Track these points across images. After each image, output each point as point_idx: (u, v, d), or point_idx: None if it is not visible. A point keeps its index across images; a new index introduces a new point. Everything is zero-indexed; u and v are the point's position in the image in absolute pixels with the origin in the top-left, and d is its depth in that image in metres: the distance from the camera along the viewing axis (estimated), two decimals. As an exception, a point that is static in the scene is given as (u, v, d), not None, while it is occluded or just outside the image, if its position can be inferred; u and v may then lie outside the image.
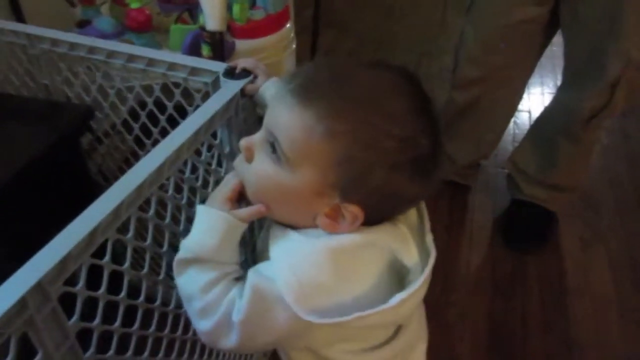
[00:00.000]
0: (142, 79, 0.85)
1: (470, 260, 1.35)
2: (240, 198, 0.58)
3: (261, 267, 0.54)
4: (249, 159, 0.55)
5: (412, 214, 0.58)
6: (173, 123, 0.83)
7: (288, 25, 1.22)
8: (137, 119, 0.89)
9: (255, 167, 0.54)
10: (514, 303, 1.24)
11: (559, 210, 1.41)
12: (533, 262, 1.34)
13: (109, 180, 1.04)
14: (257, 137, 0.55)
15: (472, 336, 1.17)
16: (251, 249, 0.75)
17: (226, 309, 0.52)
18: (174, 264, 0.56)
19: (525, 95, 1.90)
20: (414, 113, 0.50)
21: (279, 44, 1.18)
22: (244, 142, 0.56)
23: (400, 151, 0.49)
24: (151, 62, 0.79)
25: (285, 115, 0.50)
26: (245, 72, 0.75)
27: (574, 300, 1.24)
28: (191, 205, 0.71)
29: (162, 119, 0.86)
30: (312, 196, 0.51)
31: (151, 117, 0.88)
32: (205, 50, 0.96)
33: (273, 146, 0.51)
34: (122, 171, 0.59)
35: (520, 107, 1.85)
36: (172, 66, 0.78)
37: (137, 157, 0.94)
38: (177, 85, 0.82)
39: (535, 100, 1.94)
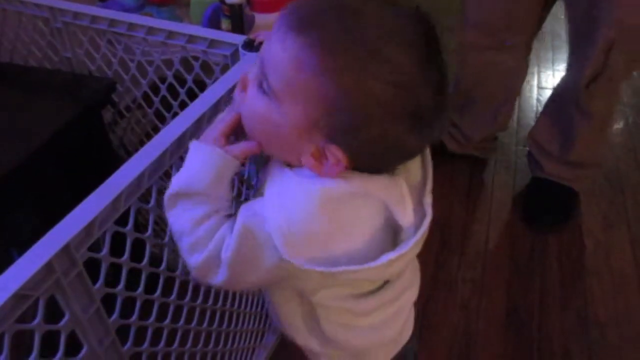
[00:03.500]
0: (162, 53, 0.85)
1: (489, 237, 1.34)
2: (238, 134, 0.55)
3: (254, 204, 0.52)
4: (244, 89, 0.52)
5: (415, 170, 0.55)
6: (193, 97, 0.83)
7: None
8: (158, 93, 0.90)
9: (247, 100, 0.51)
10: (532, 281, 1.24)
11: (581, 190, 1.39)
12: (553, 240, 1.33)
13: (130, 153, 1.05)
14: (254, 69, 0.51)
15: (489, 313, 1.17)
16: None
17: (216, 245, 0.51)
18: (165, 200, 0.53)
19: (549, 72, 1.87)
20: (416, 60, 0.45)
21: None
22: (242, 73, 0.54)
23: (395, 101, 0.45)
24: (171, 34, 0.80)
25: (276, 44, 0.46)
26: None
27: (593, 279, 1.23)
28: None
29: (182, 92, 0.87)
30: (297, 133, 0.48)
31: (171, 90, 0.89)
32: (224, 23, 0.96)
33: (263, 77, 0.48)
34: (144, 144, 0.60)
35: (544, 83, 1.83)
36: (191, 38, 0.79)
37: (157, 131, 0.95)
38: (196, 58, 0.83)
39: (560, 77, 1.89)
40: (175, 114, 0.88)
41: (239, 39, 0.76)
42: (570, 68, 1.26)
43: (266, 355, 1.04)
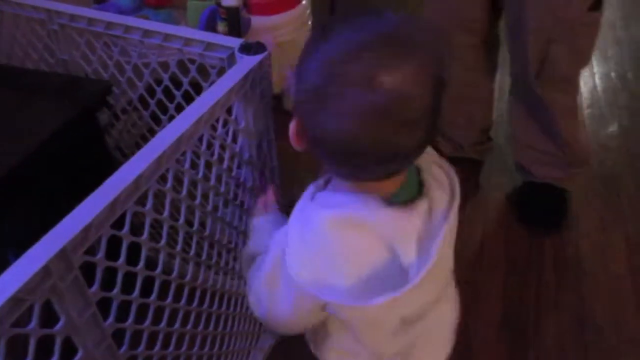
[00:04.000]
0: (159, 55, 0.86)
1: (485, 239, 1.34)
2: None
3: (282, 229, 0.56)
4: None
5: (439, 198, 0.54)
6: (189, 100, 0.84)
7: (304, 2, 1.21)
8: (153, 95, 0.90)
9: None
10: (528, 282, 1.24)
11: (573, 189, 1.39)
12: (549, 241, 1.33)
13: (126, 156, 1.05)
14: None
15: (485, 314, 1.18)
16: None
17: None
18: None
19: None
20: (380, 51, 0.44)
21: (295, 22, 1.18)
22: None
23: (357, 92, 0.44)
24: (167, 37, 0.80)
25: None
26: (262, 47, 0.75)
27: (589, 280, 1.23)
28: (207, 179, 0.72)
29: (178, 94, 0.87)
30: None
31: (167, 93, 0.89)
32: (221, 26, 0.96)
33: None
34: (140, 147, 0.60)
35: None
36: (188, 41, 0.79)
37: (153, 134, 0.95)
38: (192, 61, 0.83)
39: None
40: (172, 117, 0.88)
41: (235, 42, 0.76)
42: (514, 62, 1.27)
43: (262, 357, 1.04)
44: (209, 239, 0.74)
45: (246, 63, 0.72)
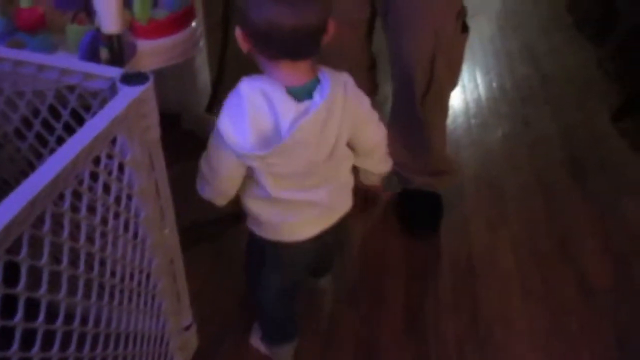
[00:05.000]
0: (34, 85, 0.81)
1: (385, 247, 1.40)
2: None
3: None
4: None
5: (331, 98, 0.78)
6: (72, 131, 0.80)
7: (194, 24, 1.19)
8: (32, 127, 0.85)
9: None
10: (427, 286, 1.31)
11: (443, 190, 1.47)
12: (444, 245, 1.41)
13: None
14: None
15: (390, 320, 1.22)
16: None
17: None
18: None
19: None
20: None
21: (185, 44, 1.16)
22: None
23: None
24: (42, 67, 0.76)
25: None
26: (144, 77, 0.74)
27: (480, 281, 1.32)
28: (92, 211, 0.68)
29: (58, 126, 0.83)
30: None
31: (47, 125, 0.84)
32: (103, 52, 0.93)
33: None
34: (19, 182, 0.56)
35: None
36: (65, 72, 0.75)
37: (33, 168, 0.90)
38: (72, 89, 0.79)
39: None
40: (53, 150, 0.83)
41: (116, 72, 0.74)
42: (397, 84, 1.33)
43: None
44: (97, 279, 0.71)
45: (127, 94, 0.70)
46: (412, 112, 1.31)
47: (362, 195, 1.11)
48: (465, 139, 1.76)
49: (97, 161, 0.66)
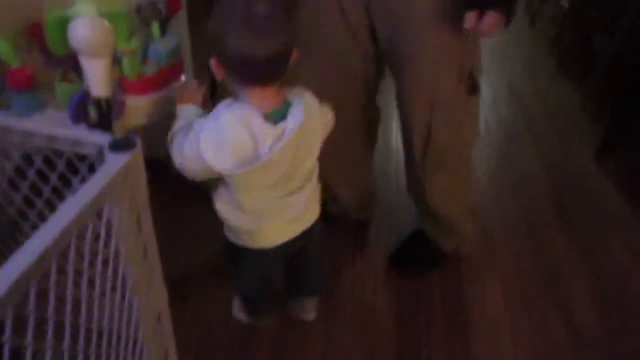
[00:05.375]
0: (22, 148, 0.81)
1: (377, 293, 1.39)
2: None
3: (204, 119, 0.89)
4: None
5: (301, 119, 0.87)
6: (59, 192, 0.80)
7: (183, 77, 1.21)
8: (19, 190, 0.85)
9: None
10: (419, 332, 1.30)
11: (449, 252, 1.46)
12: (437, 289, 1.41)
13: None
14: None
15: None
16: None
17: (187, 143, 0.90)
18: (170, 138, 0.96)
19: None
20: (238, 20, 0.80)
21: (174, 98, 1.17)
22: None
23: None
24: (30, 135, 0.76)
25: None
26: (132, 142, 0.74)
27: (472, 326, 1.32)
28: (77, 285, 0.68)
29: (46, 190, 0.83)
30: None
31: (34, 188, 0.84)
32: (92, 112, 0.93)
33: None
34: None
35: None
36: (52, 139, 0.76)
37: (21, 231, 0.89)
38: (60, 154, 0.79)
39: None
40: (41, 213, 0.83)
41: (104, 139, 0.74)
42: (402, 137, 1.32)
43: None
44: (83, 354, 0.70)
45: (116, 162, 0.71)
46: (413, 169, 1.31)
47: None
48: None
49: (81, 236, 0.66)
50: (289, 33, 0.82)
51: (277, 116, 0.87)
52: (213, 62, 0.86)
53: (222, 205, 0.98)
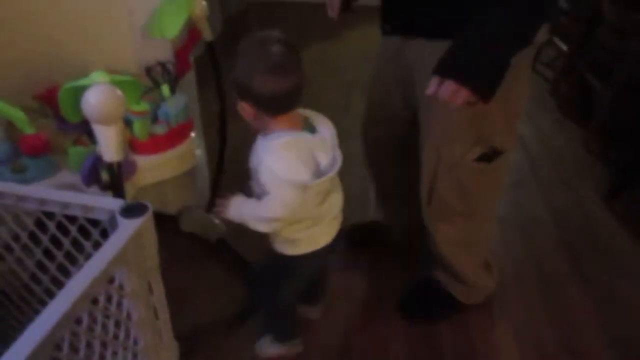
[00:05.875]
0: (35, 214, 0.83)
1: (388, 337, 1.38)
2: None
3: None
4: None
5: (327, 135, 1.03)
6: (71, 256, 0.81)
7: (192, 134, 1.25)
8: (32, 255, 0.86)
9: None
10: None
11: (466, 301, 1.45)
12: (446, 338, 1.39)
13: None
14: None
15: None
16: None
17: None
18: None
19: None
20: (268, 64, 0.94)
21: (184, 155, 1.20)
22: None
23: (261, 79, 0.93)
24: (44, 202, 0.78)
25: None
26: (143, 208, 0.76)
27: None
28: (90, 345, 0.68)
29: (59, 255, 0.84)
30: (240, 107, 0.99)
31: (47, 252, 0.86)
32: (104, 175, 0.96)
33: None
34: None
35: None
36: (65, 205, 0.78)
37: (32, 293, 0.91)
38: (73, 219, 0.81)
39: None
40: (54, 277, 0.85)
41: (116, 204, 0.76)
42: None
43: None
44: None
45: (127, 228, 0.72)
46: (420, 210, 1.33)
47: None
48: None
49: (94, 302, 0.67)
50: (300, 68, 0.96)
51: (308, 130, 1.01)
52: (242, 105, 0.97)
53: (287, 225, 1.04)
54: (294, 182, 0.95)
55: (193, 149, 1.25)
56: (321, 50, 3.02)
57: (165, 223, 1.41)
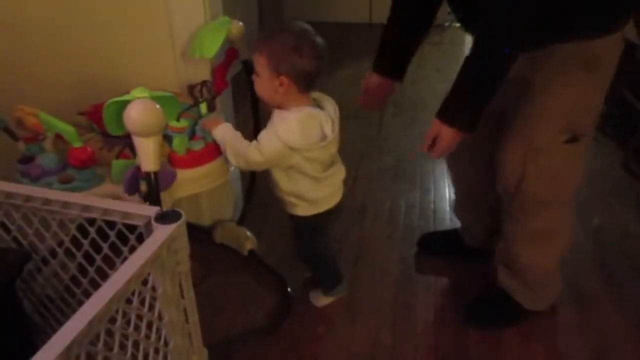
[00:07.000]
0: (78, 220, 0.89)
1: (438, 345, 1.38)
2: None
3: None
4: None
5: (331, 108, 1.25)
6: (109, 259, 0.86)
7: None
8: (74, 257, 0.92)
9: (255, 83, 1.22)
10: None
11: (531, 307, 1.46)
12: (477, 356, 1.37)
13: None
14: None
15: None
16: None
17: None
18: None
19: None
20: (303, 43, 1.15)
21: (219, 169, 1.25)
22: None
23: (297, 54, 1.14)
24: (86, 208, 0.84)
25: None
26: (177, 215, 0.81)
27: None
28: (123, 348, 0.72)
29: (98, 258, 0.90)
30: (269, 81, 1.16)
31: (87, 255, 0.91)
32: (143, 185, 1.02)
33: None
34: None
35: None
36: (105, 212, 0.83)
37: (73, 295, 0.96)
38: (112, 225, 0.87)
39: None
40: (92, 280, 0.90)
41: (152, 211, 0.81)
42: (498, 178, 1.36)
43: None
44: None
45: (161, 233, 0.77)
46: (504, 207, 1.36)
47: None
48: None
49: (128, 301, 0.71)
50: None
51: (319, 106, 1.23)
52: (283, 80, 1.15)
53: (302, 185, 1.25)
54: (284, 141, 1.14)
55: (227, 164, 1.30)
56: (357, 69, 3.07)
57: (199, 234, 1.46)
